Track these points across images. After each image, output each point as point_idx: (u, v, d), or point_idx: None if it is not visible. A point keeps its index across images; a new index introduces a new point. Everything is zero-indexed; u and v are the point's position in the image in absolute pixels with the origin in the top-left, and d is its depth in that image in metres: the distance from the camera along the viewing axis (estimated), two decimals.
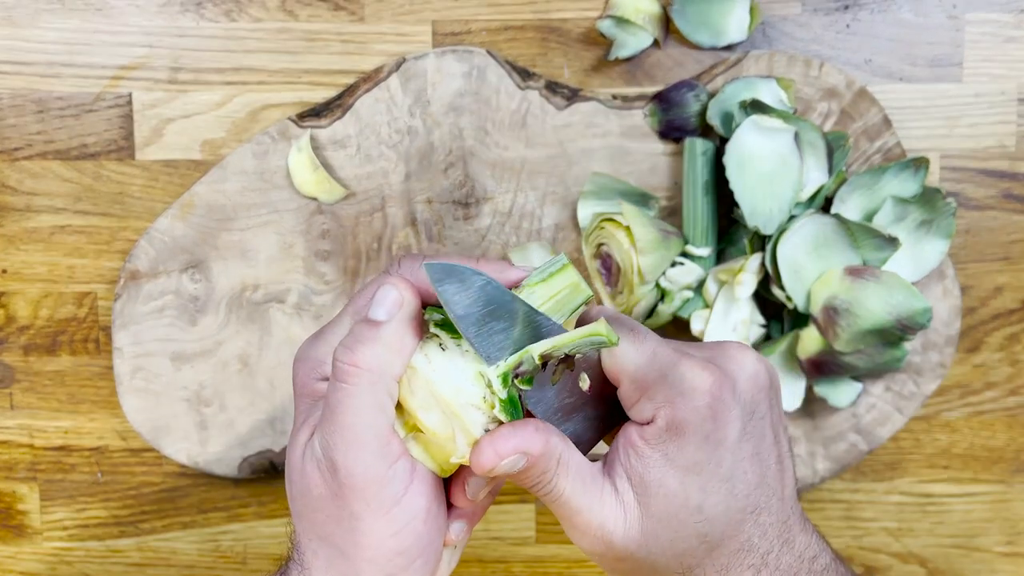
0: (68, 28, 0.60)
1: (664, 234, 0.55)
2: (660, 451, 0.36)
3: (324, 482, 0.36)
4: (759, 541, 0.38)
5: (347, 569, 0.37)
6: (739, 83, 0.57)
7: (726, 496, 0.37)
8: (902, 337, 0.55)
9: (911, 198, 0.56)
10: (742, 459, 0.37)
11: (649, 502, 0.37)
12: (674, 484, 0.36)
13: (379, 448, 0.35)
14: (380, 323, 0.36)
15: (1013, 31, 0.59)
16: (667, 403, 0.36)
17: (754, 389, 0.38)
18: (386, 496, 0.36)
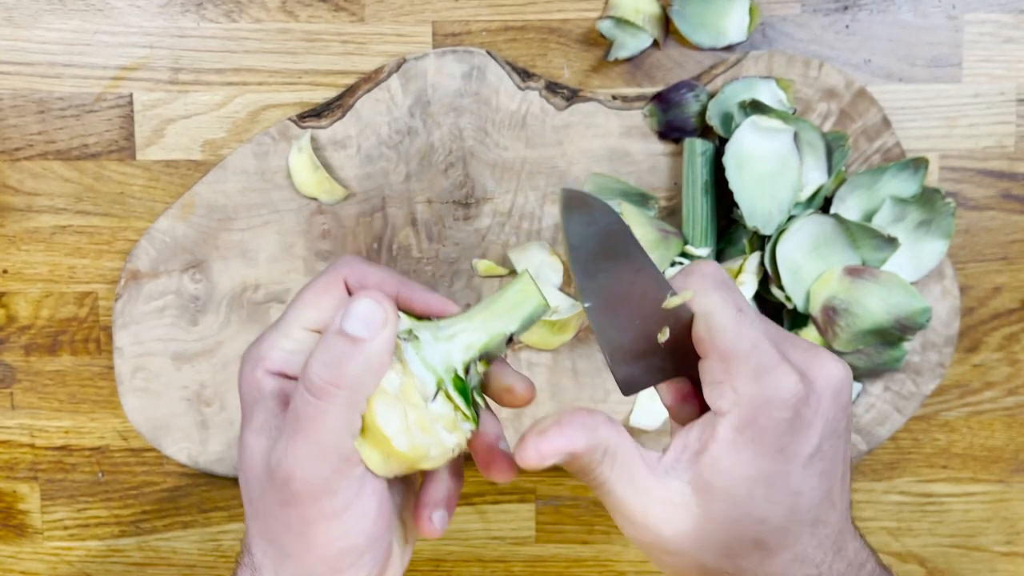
0: (69, 29, 0.60)
1: (664, 234, 0.56)
2: (730, 452, 0.35)
3: (276, 490, 0.36)
4: (814, 552, 0.37)
5: (297, 569, 0.37)
6: (739, 83, 0.57)
7: (790, 509, 0.36)
8: (901, 337, 0.55)
9: (910, 198, 0.56)
10: (812, 475, 0.36)
11: (710, 505, 0.36)
12: (740, 491, 0.35)
13: (340, 463, 0.35)
14: (363, 341, 0.34)
15: (1012, 31, 0.59)
16: (750, 404, 0.35)
17: (837, 407, 0.36)
18: (338, 503, 0.36)
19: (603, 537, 0.63)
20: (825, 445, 0.36)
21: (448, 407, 0.36)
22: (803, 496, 0.36)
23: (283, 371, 0.38)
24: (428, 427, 0.36)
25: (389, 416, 0.35)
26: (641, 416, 0.59)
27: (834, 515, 0.37)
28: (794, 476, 0.35)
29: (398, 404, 0.35)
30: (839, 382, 0.36)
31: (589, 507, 0.63)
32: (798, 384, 0.35)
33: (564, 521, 0.63)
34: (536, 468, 0.35)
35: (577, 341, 0.60)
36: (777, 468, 0.35)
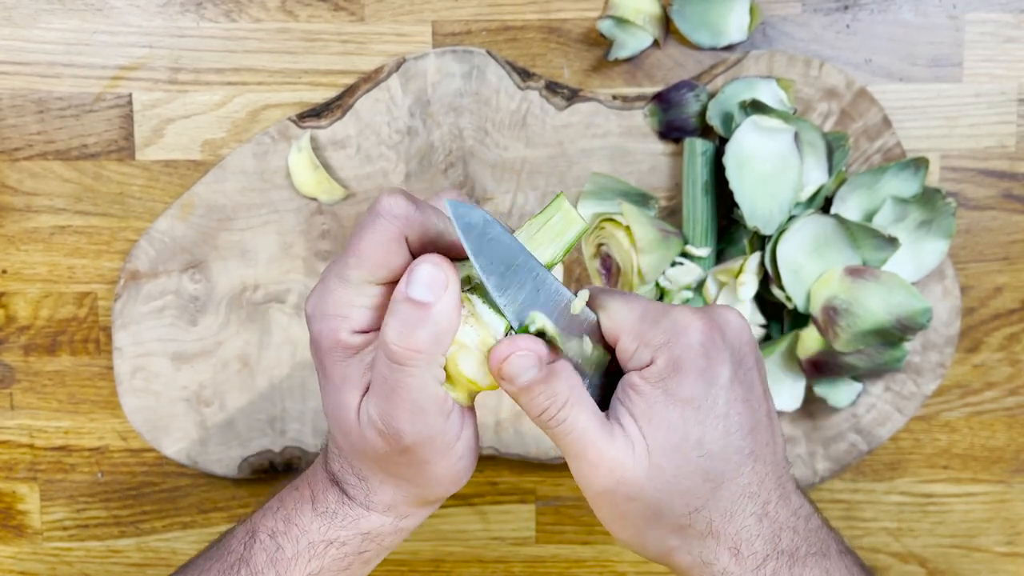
0: (68, 28, 0.60)
1: (664, 234, 0.55)
2: (660, 387, 0.38)
3: (387, 444, 0.39)
4: (758, 489, 0.39)
5: (418, 489, 0.41)
6: (739, 83, 0.57)
7: (723, 433, 0.38)
8: (902, 337, 0.55)
9: (911, 198, 0.56)
10: (735, 400, 0.39)
11: (654, 436, 0.38)
12: (675, 417, 0.38)
13: (438, 411, 0.38)
14: (429, 305, 0.36)
15: (1013, 31, 0.59)
16: (663, 345, 0.38)
17: (741, 341, 0.40)
18: (449, 441, 0.39)
19: (603, 537, 0.63)
20: (739, 373, 0.39)
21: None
22: (731, 420, 0.38)
23: (365, 328, 0.39)
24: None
25: (467, 362, 0.38)
26: None
27: (769, 454, 0.40)
28: (719, 399, 0.38)
29: (473, 351, 0.38)
30: (736, 319, 0.40)
31: (589, 508, 0.63)
32: (695, 316, 0.39)
33: (564, 522, 0.63)
34: (506, 369, 0.37)
35: None
36: (701, 390, 0.38)
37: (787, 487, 0.40)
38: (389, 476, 0.41)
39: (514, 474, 0.63)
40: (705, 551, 0.39)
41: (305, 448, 0.61)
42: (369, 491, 0.42)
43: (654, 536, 0.40)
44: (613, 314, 0.40)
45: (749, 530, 0.39)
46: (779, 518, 0.40)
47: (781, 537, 0.39)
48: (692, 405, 0.38)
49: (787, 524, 0.40)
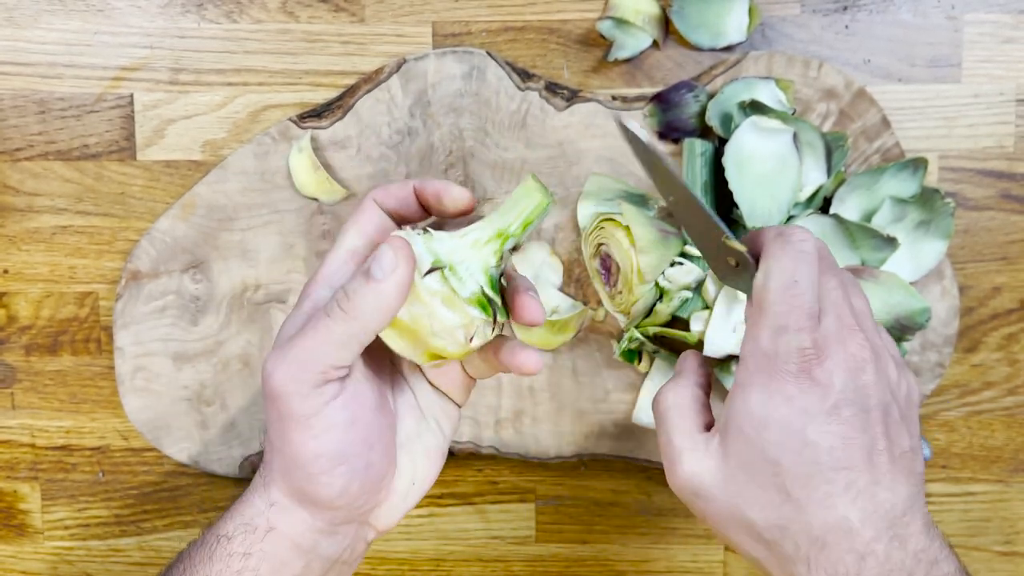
0: (69, 29, 0.60)
1: (663, 234, 0.56)
2: (742, 397, 0.39)
3: (264, 384, 0.40)
4: (861, 526, 0.38)
5: (283, 462, 0.41)
6: (738, 84, 0.57)
7: (809, 461, 0.38)
8: (901, 337, 0.55)
9: (910, 198, 0.56)
10: (829, 434, 0.38)
11: (729, 445, 0.40)
12: (751, 432, 0.39)
13: (316, 373, 0.39)
14: (377, 281, 0.38)
15: (1012, 32, 0.59)
16: (763, 354, 0.40)
17: (855, 382, 0.39)
18: (305, 408, 0.39)
19: (603, 537, 0.63)
20: (845, 411, 0.39)
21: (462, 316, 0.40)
22: (820, 449, 0.38)
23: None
24: (454, 303, 0.40)
25: (441, 327, 0.40)
26: (642, 414, 0.59)
27: (879, 491, 0.39)
28: (808, 429, 0.38)
29: (447, 317, 0.40)
30: (858, 360, 0.39)
31: (589, 507, 0.63)
32: (807, 345, 0.39)
33: (564, 521, 0.63)
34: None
35: (577, 341, 0.60)
36: (787, 416, 0.38)
37: (909, 528, 0.39)
38: (269, 441, 0.42)
39: (514, 473, 0.63)
40: (797, 574, 0.39)
41: None
42: (263, 465, 0.43)
43: (740, 540, 0.41)
44: (762, 288, 0.41)
45: (847, 566, 0.38)
46: (892, 559, 0.38)
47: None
48: (772, 426, 0.39)
49: (901, 567, 0.38)
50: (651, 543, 0.63)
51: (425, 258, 0.40)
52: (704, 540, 0.64)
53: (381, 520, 0.45)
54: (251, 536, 0.42)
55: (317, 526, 0.42)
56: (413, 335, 0.40)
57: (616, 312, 0.57)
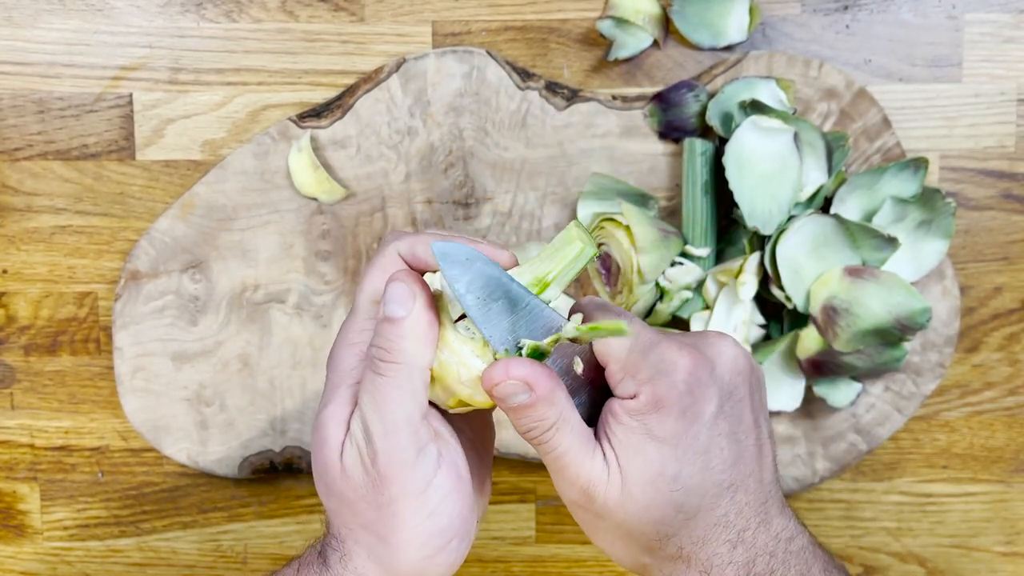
0: (69, 28, 0.60)
1: (664, 234, 0.56)
2: (641, 422, 0.39)
3: (364, 469, 0.38)
4: (735, 518, 0.39)
5: (388, 555, 0.39)
6: (739, 83, 0.57)
7: (701, 469, 0.39)
8: (901, 337, 0.55)
9: (910, 198, 0.56)
10: (718, 436, 0.39)
11: (629, 467, 0.39)
12: (652, 453, 0.38)
13: (412, 434, 0.38)
14: (401, 319, 0.38)
15: (1012, 31, 0.59)
16: (648, 381, 0.38)
17: (732, 373, 0.40)
18: (419, 478, 0.38)
19: None
20: (726, 407, 0.39)
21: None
22: (712, 456, 0.39)
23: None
24: (485, 354, 0.39)
25: (465, 378, 0.39)
26: None
27: (753, 483, 0.40)
28: (700, 436, 0.39)
29: (472, 369, 0.39)
30: (729, 351, 0.40)
31: None
32: (683, 352, 0.39)
33: (564, 521, 0.63)
34: (498, 390, 0.38)
35: None
36: (682, 428, 0.38)
37: (770, 511, 0.40)
38: (363, 529, 0.40)
39: (514, 474, 0.63)
40: (675, 573, 0.40)
41: (305, 448, 0.61)
42: (344, 555, 0.40)
43: (625, 551, 0.41)
44: (603, 341, 0.40)
45: (721, 556, 0.39)
46: (756, 543, 0.40)
47: (756, 562, 0.40)
48: (670, 443, 0.38)
49: (764, 549, 0.40)
50: None
51: (456, 304, 0.39)
52: None
53: None
54: None
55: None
56: (442, 382, 0.39)
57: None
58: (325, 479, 0.40)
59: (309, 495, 0.63)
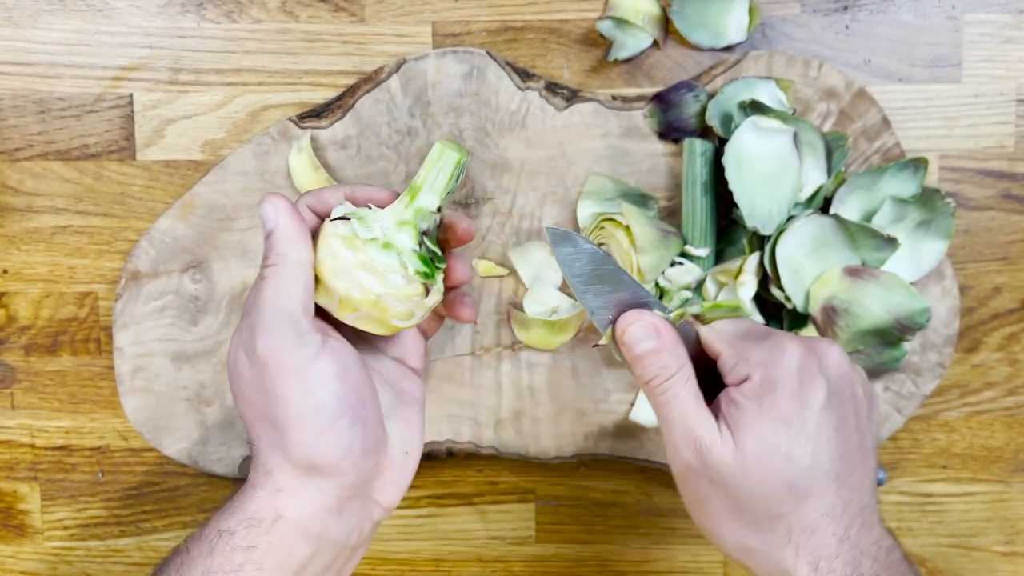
0: (69, 29, 0.60)
1: (663, 234, 0.56)
2: (755, 402, 0.41)
3: (249, 362, 0.42)
4: (842, 512, 0.41)
5: (282, 439, 0.42)
6: (738, 84, 0.57)
7: (812, 453, 0.41)
8: (901, 337, 0.55)
9: (910, 198, 0.56)
10: (825, 425, 0.41)
11: (744, 440, 0.41)
12: (767, 430, 0.41)
13: (290, 322, 0.42)
14: (271, 230, 0.43)
15: (1012, 31, 0.59)
16: (761, 364, 0.42)
17: (838, 374, 0.42)
18: (299, 360, 0.41)
19: (603, 537, 0.63)
20: (833, 402, 0.41)
21: (395, 261, 0.44)
22: (821, 443, 0.41)
23: None
24: (381, 274, 0.43)
25: (342, 278, 0.43)
26: (640, 413, 0.59)
27: (856, 482, 0.42)
28: (810, 421, 0.41)
29: (348, 267, 0.44)
30: (836, 354, 0.43)
31: (589, 507, 0.63)
32: (795, 342, 0.42)
33: (564, 521, 0.63)
34: (628, 332, 0.44)
35: (577, 341, 0.60)
36: (794, 410, 0.41)
37: (871, 517, 0.42)
38: (261, 424, 0.42)
39: (514, 473, 0.63)
40: (784, 559, 0.41)
41: None
42: (256, 457, 0.43)
43: (731, 530, 0.42)
44: (719, 328, 0.44)
45: (830, 549, 0.41)
46: (860, 544, 0.41)
47: (862, 562, 0.41)
48: (784, 421, 0.41)
49: (868, 552, 0.41)
50: (651, 543, 0.64)
51: (371, 228, 0.44)
52: (704, 541, 0.64)
53: (384, 494, 0.45)
54: (256, 529, 0.42)
55: (327, 504, 0.43)
56: (369, 310, 0.44)
57: None
58: (232, 388, 0.44)
59: None
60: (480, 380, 0.60)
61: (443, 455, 0.61)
